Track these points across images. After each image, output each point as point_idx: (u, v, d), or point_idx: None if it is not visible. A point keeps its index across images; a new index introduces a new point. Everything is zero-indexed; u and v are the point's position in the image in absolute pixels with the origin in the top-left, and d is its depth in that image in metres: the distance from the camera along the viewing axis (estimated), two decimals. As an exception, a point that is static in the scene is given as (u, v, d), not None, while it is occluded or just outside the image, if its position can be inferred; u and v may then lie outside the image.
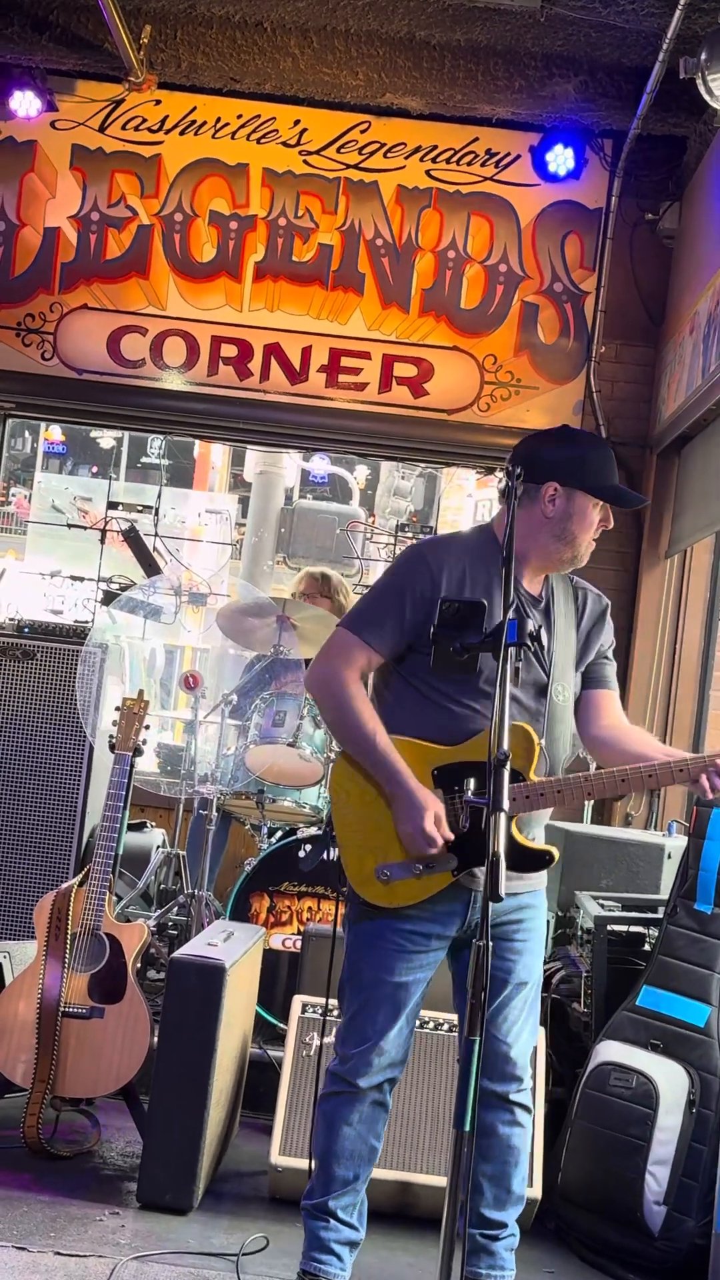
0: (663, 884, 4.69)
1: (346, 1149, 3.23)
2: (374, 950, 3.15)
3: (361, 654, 3.13)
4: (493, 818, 2.47)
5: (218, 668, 6.29)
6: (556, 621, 3.16)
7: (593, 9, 5.05)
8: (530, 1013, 3.22)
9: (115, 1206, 3.79)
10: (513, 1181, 3.18)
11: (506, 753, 2.53)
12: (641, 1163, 3.75)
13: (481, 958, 2.46)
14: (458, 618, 2.76)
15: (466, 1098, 2.42)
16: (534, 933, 3.23)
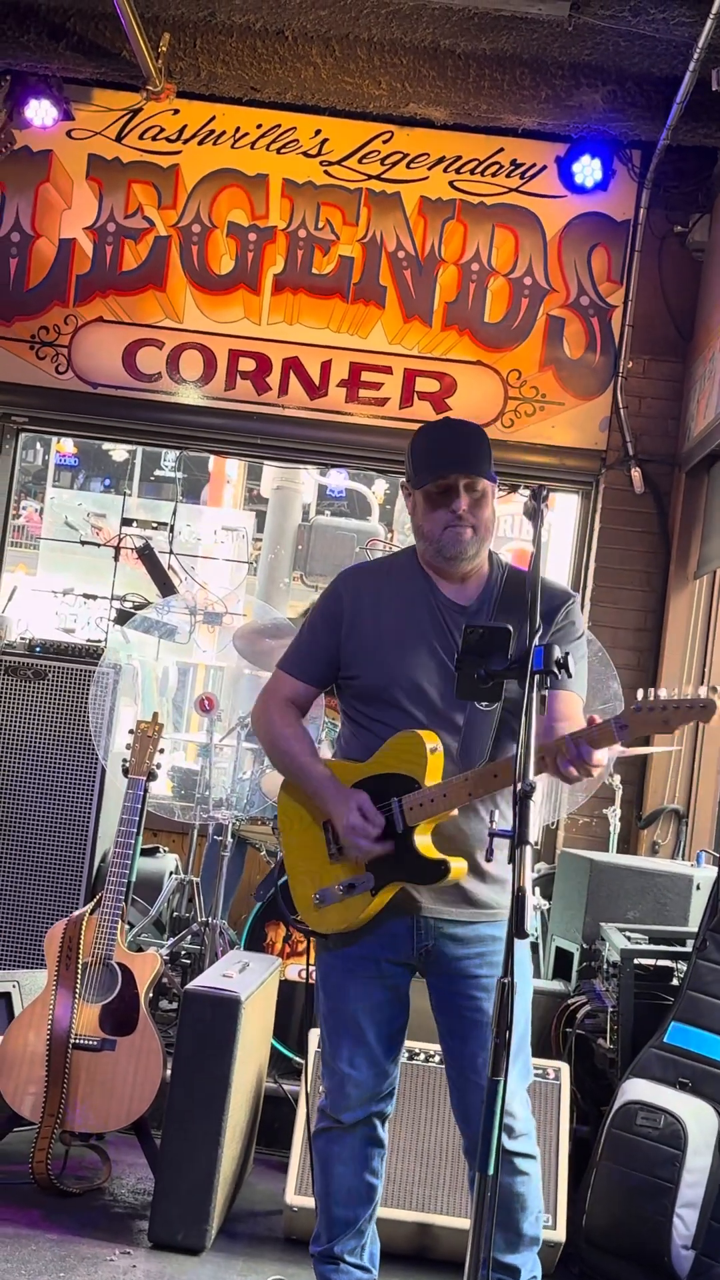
0: (691, 916, 4.66)
1: (343, 1189, 3.23)
2: (328, 981, 3.22)
3: (284, 684, 3.30)
4: (519, 851, 2.45)
5: (233, 689, 6.29)
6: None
7: (622, 18, 5.05)
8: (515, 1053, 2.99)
9: (126, 1245, 3.78)
10: (522, 1225, 3.13)
11: (533, 784, 2.51)
12: (669, 1205, 3.72)
13: (506, 995, 2.44)
14: (482, 643, 2.74)
15: (491, 1140, 2.41)
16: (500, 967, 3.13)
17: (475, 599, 3.18)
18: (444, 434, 3.25)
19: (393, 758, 3.08)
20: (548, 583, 3.18)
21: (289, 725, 3.26)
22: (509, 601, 3.14)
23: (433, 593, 3.18)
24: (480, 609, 3.16)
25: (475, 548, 3.14)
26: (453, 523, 3.10)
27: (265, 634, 5.60)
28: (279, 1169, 4.23)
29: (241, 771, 5.44)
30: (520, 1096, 3.13)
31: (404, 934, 3.13)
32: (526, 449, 6.28)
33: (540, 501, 2.90)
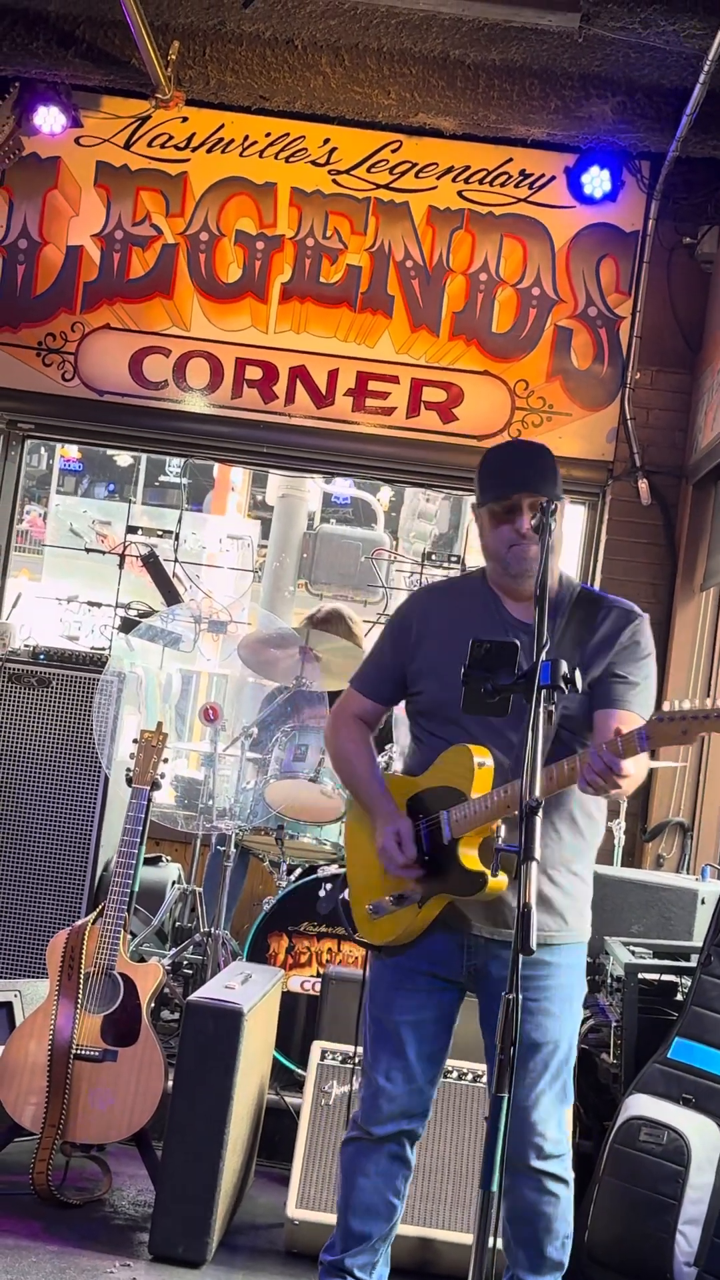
0: (696, 930, 4.66)
1: (363, 1203, 3.25)
2: (375, 990, 3.28)
3: (353, 700, 3.43)
4: (524, 867, 2.46)
5: (236, 698, 6.30)
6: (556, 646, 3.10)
7: (632, 30, 5.06)
8: (553, 1077, 3.15)
9: (126, 1258, 3.78)
10: (546, 1247, 3.16)
11: (539, 800, 2.53)
12: (672, 1222, 3.72)
13: (511, 1011, 2.45)
14: (489, 658, 2.76)
15: (494, 1157, 2.41)
16: (549, 992, 3.14)
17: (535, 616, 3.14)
18: (510, 454, 3.34)
19: (444, 772, 3.15)
20: (615, 600, 3.25)
21: (353, 741, 3.38)
22: (579, 618, 3.18)
23: (499, 611, 3.22)
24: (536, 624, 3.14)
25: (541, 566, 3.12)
26: (516, 540, 3.14)
27: (270, 644, 5.60)
28: (280, 1181, 4.23)
29: (245, 781, 5.44)
30: (556, 1118, 3.15)
31: (454, 951, 3.18)
32: (533, 460, 6.28)
33: (548, 516, 2.93)
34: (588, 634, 3.16)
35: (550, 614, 3.14)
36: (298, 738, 5.36)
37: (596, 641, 3.16)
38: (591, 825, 3.23)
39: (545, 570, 2.87)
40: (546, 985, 3.13)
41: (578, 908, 3.23)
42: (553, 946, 3.15)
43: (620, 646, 3.16)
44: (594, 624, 3.17)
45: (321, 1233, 3.82)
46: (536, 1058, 3.12)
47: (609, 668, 3.14)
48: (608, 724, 3.06)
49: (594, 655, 3.14)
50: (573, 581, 3.29)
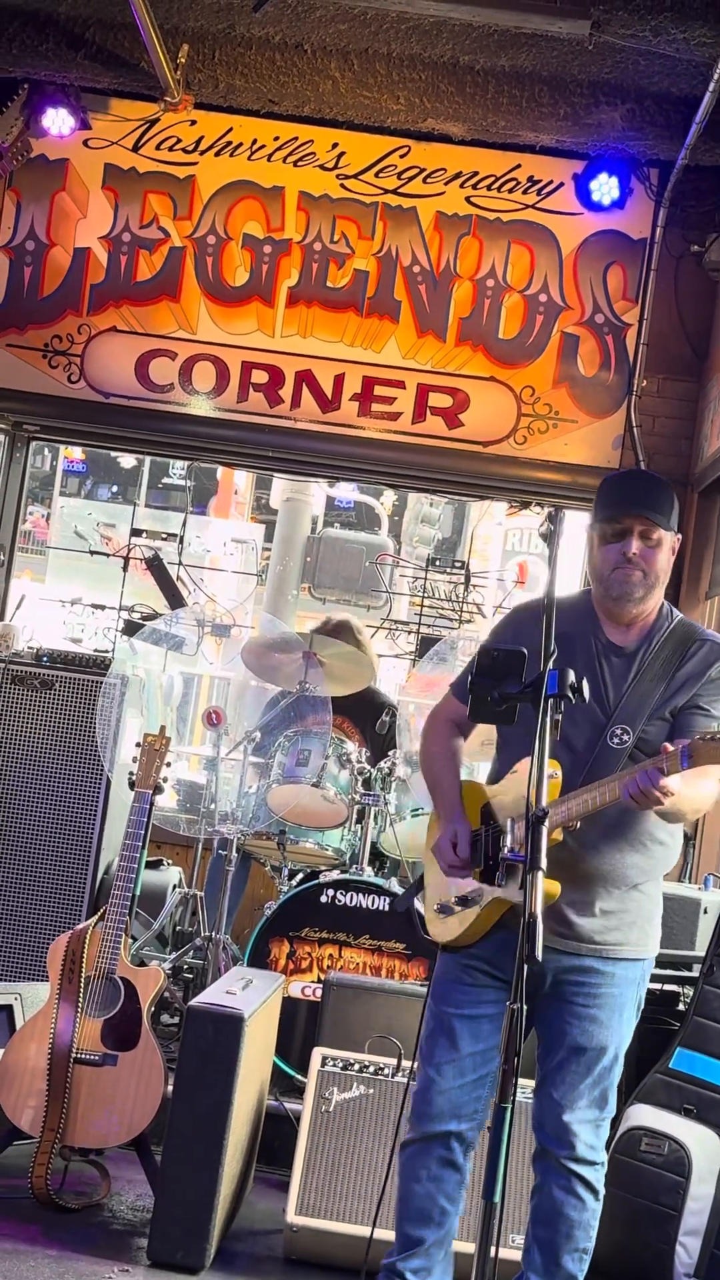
0: (698, 940, 4.65)
1: (414, 1208, 3.28)
2: (436, 984, 3.35)
3: (448, 705, 3.52)
4: (530, 876, 2.46)
5: (238, 701, 6.29)
6: (644, 671, 3.20)
7: (642, 37, 5.06)
8: (594, 1083, 3.21)
9: (125, 1263, 3.77)
10: (563, 1255, 3.19)
11: (545, 809, 2.52)
12: (672, 1233, 3.72)
13: (514, 1022, 2.45)
14: (496, 666, 2.76)
15: (497, 1168, 2.40)
16: (601, 1000, 3.20)
17: (635, 641, 3.26)
18: (631, 479, 3.44)
19: (517, 781, 3.20)
20: (709, 634, 3.28)
21: (439, 744, 3.49)
22: (670, 649, 3.22)
23: (595, 633, 3.28)
24: (638, 651, 3.24)
25: (643, 591, 3.21)
26: (621, 563, 3.19)
27: (274, 648, 5.60)
28: (279, 1187, 4.22)
29: (247, 786, 5.44)
30: (591, 1124, 3.20)
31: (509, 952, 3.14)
32: (539, 466, 6.29)
33: (557, 524, 2.93)
34: (677, 664, 3.21)
35: (644, 640, 3.25)
36: (300, 742, 5.36)
37: (685, 672, 3.21)
38: (661, 849, 3.25)
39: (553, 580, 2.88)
40: (599, 993, 3.20)
41: (640, 924, 3.26)
42: (610, 959, 3.21)
43: (708, 680, 3.20)
44: (684, 655, 3.22)
45: (322, 1239, 3.83)
46: (580, 1061, 3.19)
47: (693, 699, 3.19)
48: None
49: (681, 686, 3.20)
50: (674, 613, 3.33)
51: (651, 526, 3.18)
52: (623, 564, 3.18)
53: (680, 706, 3.18)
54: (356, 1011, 4.42)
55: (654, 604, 3.28)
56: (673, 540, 3.24)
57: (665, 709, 3.19)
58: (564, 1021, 3.20)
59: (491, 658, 2.78)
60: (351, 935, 5.01)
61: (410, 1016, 4.17)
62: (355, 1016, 4.41)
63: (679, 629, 3.27)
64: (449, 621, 7.04)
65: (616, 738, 3.16)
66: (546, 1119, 3.21)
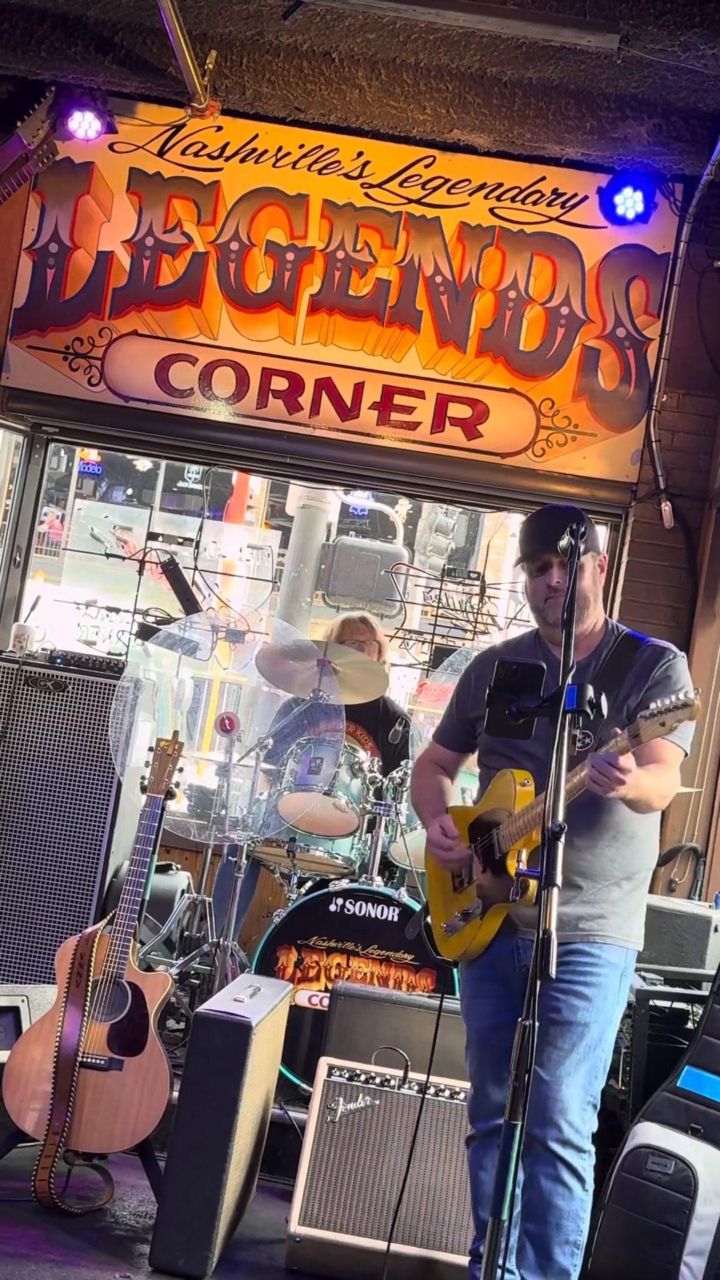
0: (708, 959, 4.64)
1: (485, 1195, 3.42)
2: (463, 998, 3.57)
3: (432, 749, 3.90)
4: (545, 893, 2.45)
5: (250, 707, 6.29)
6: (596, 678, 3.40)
7: (671, 52, 5.05)
8: (579, 1059, 3.30)
9: (127, 1270, 3.77)
10: (554, 1248, 3.23)
11: (562, 825, 2.51)
12: (677, 1253, 3.70)
13: (527, 1038, 2.43)
14: (514, 680, 2.76)
15: (505, 1185, 2.39)
16: (587, 977, 3.33)
17: (584, 657, 3.49)
18: (542, 518, 3.57)
19: (494, 796, 3.47)
20: (652, 640, 3.55)
21: (424, 777, 3.84)
22: (615, 662, 3.47)
23: (545, 656, 3.51)
24: (589, 664, 3.47)
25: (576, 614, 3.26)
26: (549, 594, 3.47)
27: (288, 655, 5.60)
28: (283, 1197, 4.21)
29: (258, 792, 5.43)
30: (578, 1105, 3.30)
31: (507, 955, 3.41)
32: (557, 479, 6.27)
33: (578, 539, 2.93)
34: (626, 668, 3.44)
35: (593, 655, 3.50)
36: (313, 750, 5.35)
37: (633, 676, 3.43)
38: (636, 842, 3.44)
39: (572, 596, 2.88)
40: (585, 970, 3.33)
41: (622, 916, 3.43)
42: (596, 942, 3.36)
43: (654, 681, 3.42)
44: (632, 660, 3.45)
45: (324, 1250, 3.82)
46: (565, 1037, 3.29)
47: (644, 700, 3.34)
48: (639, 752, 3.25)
49: (632, 686, 3.41)
50: (619, 627, 3.59)
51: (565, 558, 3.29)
52: (550, 594, 3.46)
53: (633, 709, 3.35)
54: (363, 1022, 4.41)
55: (592, 621, 3.54)
56: (593, 561, 3.49)
57: (620, 713, 3.35)
58: (550, 998, 3.29)
59: (510, 671, 2.80)
60: (360, 945, 5.00)
61: (418, 1028, 4.17)
62: (362, 1027, 4.40)
63: (625, 640, 3.53)
64: (463, 632, 7.02)
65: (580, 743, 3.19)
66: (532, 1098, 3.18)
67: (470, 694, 3.69)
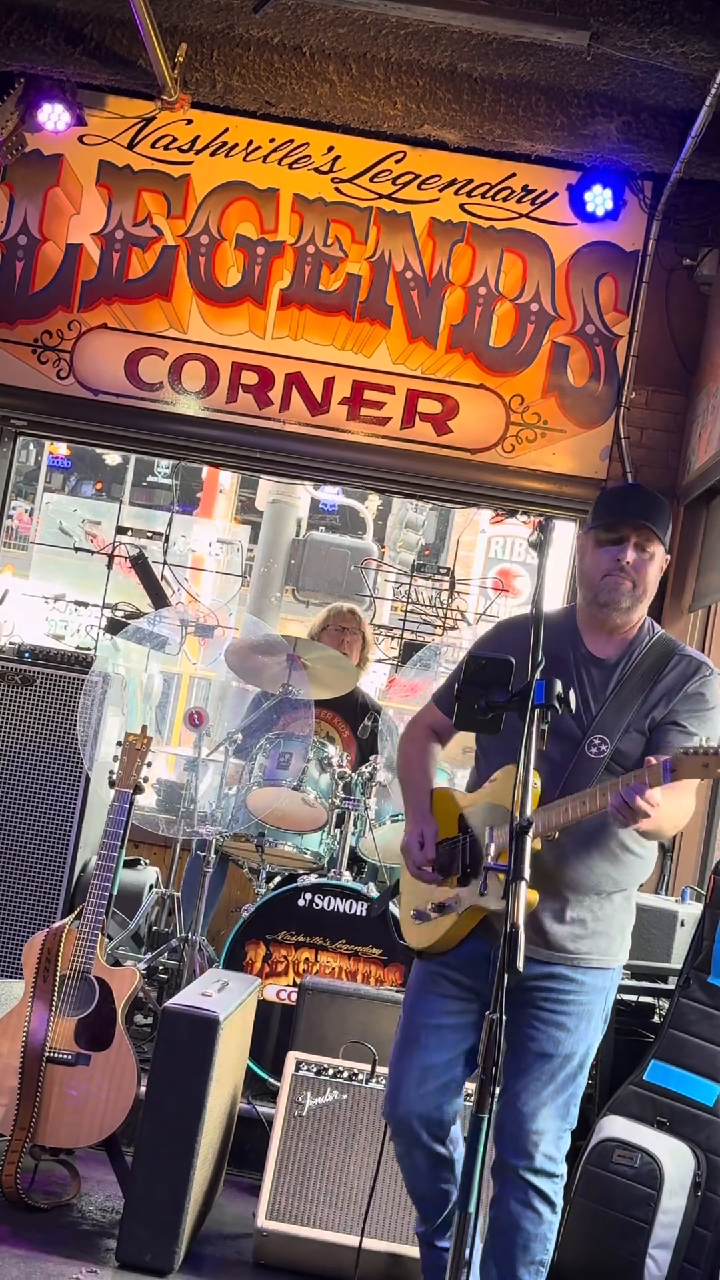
0: (674, 953, 4.65)
1: (419, 1195, 3.38)
2: (409, 991, 3.38)
3: (428, 713, 3.56)
4: (513, 886, 2.45)
5: (220, 702, 6.28)
6: (623, 683, 3.20)
7: (641, 50, 5.06)
8: (556, 1090, 3.18)
9: (93, 1265, 3.75)
10: (519, 1268, 3.15)
11: (530, 819, 2.51)
12: (643, 1245, 3.71)
13: (494, 1031, 2.43)
14: (484, 675, 2.74)
15: (472, 1178, 2.39)
16: (569, 1007, 3.18)
17: (616, 654, 3.27)
18: (634, 491, 3.40)
19: (496, 791, 3.20)
20: (687, 650, 3.30)
21: (414, 748, 3.54)
22: (646, 665, 3.23)
23: (576, 645, 3.28)
24: (619, 663, 3.25)
25: (630, 601, 3.21)
26: (614, 570, 3.19)
27: (257, 650, 5.59)
28: (250, 1191, 4.21)
29: (227, 787, 5.42)
30: (553, 1134, 3.18)
31: (481, 962, 3.21)
32: (526, 475, 6.29)
33: (546, 534, 2.92)
34: (655, 677, 3.22)
35: (625, 653, 3.26)
36: (282, 745, 5.34)
37: (663, 686, 3.21)
38: (635, 859, 3.24)
39: (541, 587, 2.87)
40: (568, 1000, 3.19)
41: (610, 934, 3.25)
42: (580, 967, 3.20)
43: (684, 695, 3.20)
44: (663, 669, 3.23)
45: (291, 1245, 3.81)
46: (545, 1068, 3.17)
47: (670, 715, 3.19)
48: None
49: (659, 700, 3.20)
50: (655, 628, 3.34)
51: (649, 538, 3.20)
52: (615, 570, 3.19)
53: (658, 721, 3.19)
54: (331, 1016, 4.41)
55: (638, 618, 3.29)
56: (664, 558, 3.25)
57: (643, 722, 3.19)
58: (531, 1027, 3.17)
59: (479, 665, 2.76)
60: (328, 939, 4.99)
61: (386, 1022, 4.16)
62: (330, 1021, 4.40)
63: (659, 643, 3.28)
64: (432, 627, 7.03)
65: (594, 748, 3.16)
66: (507, 1127, 3.16)
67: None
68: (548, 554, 2.93)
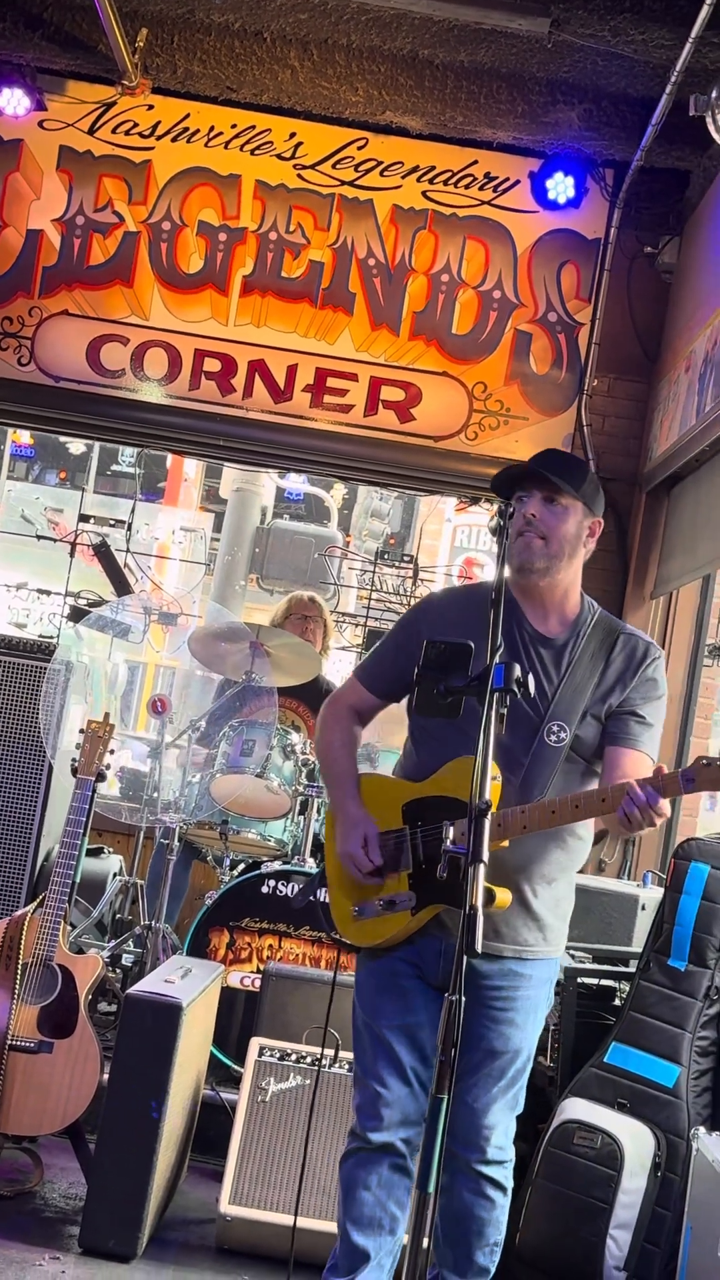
0: (635, 936, 4.68)
1: (364, 1215, 3.17)
2: (363, 994, 3.23)
3: (353, 691, 3.38)
4: (471, 869, 2.45)
5: (184, 690, 6.27)
6: (575, 665, 3.13)
7: (601, 37, 5.08)
8: (507, 1085, 3.15)
9: (56, 1251, 3.75)
10: (475, 1251, 3.15)
11: (488, 802, 2.52)
12: (603, 1226, 3.73)
13: (454, 1012, 2.44)
14: (443, 659, 2.75)
15: (431, 1158, 2.40)
16: (517, 1002, 3.14)
17: (563, 633, 3.17)
18: (543, 453, 3.24)
19: (451, 781, 3.07)
20: (633, 631, 3.23)
21: (339, 733, 3.34)
22: (595, 643, 3.15)
23: (520, 623, 3.16)
24: (567, 643, 3.16)
25: (544, 561, 3.09)
26: (523, 529, 3.08)
27: (220, 638, 5.58)
28: (213, 1177, 4.21)
29: (191, 775, 5.42)
30: (504, 1125, 3.15)
31: (432, 957, 3.13)
32: (489, 462, 6.28)
33: (507, 520, 2.92)
34: (604, 660, 3.15)
35: (572, 632, 3.18)
36: (245, 732, 5.34)
37: (614, 671, 3.15)
38: (579, 845, 3.20)
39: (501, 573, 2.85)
40: (516, 996, 3.14)
41: (555, 925, 3.22)
42: (528, 960, 3.15)
43: (641, 681, 3.15)
44: (610, 650, 3.16)
45: (253, 1230, 3.82)
46: (495, 1064, 3.12)
47: (626, 703, 3.14)
48: (622, 763, 3.08)
49: (612, 686, 3.14)
50: (594, 605, 3.25)
51: (556, 491, 3.08)
52: (525, 529, 3.08)
53: (615, 709, 3.13)
54: (295, 1002, 4.42)
55: (566, 583, 3.17)
56: (585, 515, 3.13)
57: (600, 708, 3.14)
58: (481, 1025, 3.10)
59: (438, 650, 2.76)
60: (292, 926, 5.00)
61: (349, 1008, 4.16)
62: (293, 1007, 4.41)
63: (602, 621, 3.21)
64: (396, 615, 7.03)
65: (553, 735, 3.09)
66: (458, 1123, 3.07)
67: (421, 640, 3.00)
68: (508, 539, 2.94)
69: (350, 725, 3.35)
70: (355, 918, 3.18)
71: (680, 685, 6.17)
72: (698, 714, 6.20)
